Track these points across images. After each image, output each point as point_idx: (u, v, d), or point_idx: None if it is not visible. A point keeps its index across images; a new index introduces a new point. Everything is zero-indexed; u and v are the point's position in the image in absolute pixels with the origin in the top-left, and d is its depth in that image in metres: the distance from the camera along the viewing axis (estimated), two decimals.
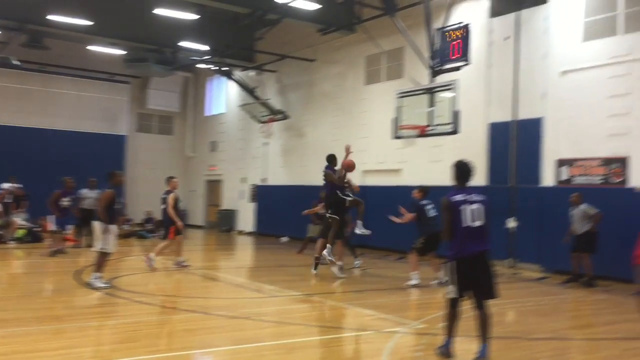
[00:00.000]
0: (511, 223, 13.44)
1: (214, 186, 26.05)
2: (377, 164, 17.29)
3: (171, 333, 7.25)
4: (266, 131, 21.89)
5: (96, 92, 25.01)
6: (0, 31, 18.95)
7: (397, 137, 14.30)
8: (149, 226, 21.08)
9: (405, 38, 14.72)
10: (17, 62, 20.86)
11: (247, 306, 8.95)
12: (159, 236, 19.42)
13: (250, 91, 21.51)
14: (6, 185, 17.22)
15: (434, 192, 10.61)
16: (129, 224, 20.97)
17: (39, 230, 17.36)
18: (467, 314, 6.08)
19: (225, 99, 25.47)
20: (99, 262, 9.66)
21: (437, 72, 13.47)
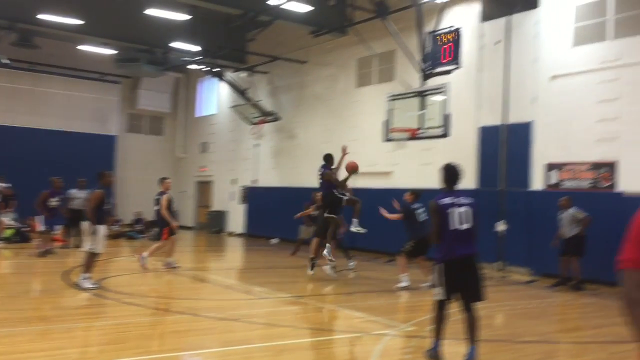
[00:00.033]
0: (500, 226, 13.49)
1: (204, 187, 25.98)
2: (368, 166, 17.25)
3: (160, 334, 7.23)
4: (257, 132, 21.86)
5: (86, 92, 24.86)
6: None
7: (388, 140, 14.36)
8: (139, 227, 20.99)
9: (397, 41, 14.76)
10: (7, 61, 20.70)
11: (237, 308, 8.94)
12: (149, 237, 19.38)
13: (242, 92, 21.47)
14: None
15: (424, 195, 10.64)
16: (118, 224, 20.88)
17: (27, 230, 17.24)
18: (455, 317, 6.10)
19: (216, 100, 25.42)
20: (87, 263, 9.61)
21: (428, 76, 13.53)
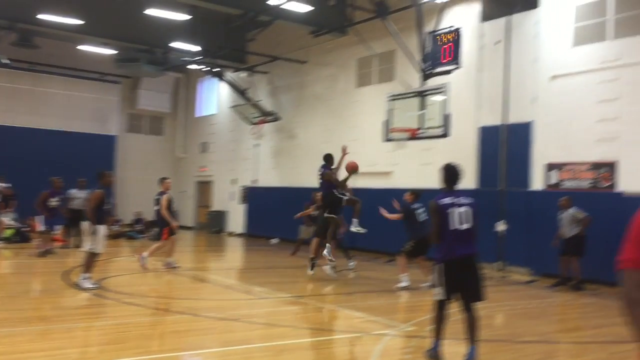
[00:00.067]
0: (500, 226, 13.49)
1: (204, 187, 25.97)
2: (368, 166, 17.26)
3: (160, 334, 7.23)
4: (257, 132, 21.86)
5: (86, 92, 24.85)
6: None
7: (388, 140, 14.36)
8: (139, 227, 20.99)
9: (397, 41, 14.76)
10: (7, 61, 20.70)
11: (237, 308, 8.94)
12: (149, 237, 19.37)
13: (242, 92, 21.47)
14: None
15: (424, 195, 10.64)
16: (118, 224, 20.88)
17: (27, 230, 17.24)
18: (455, 317, 6.10)
19: (216, 100, 25.42)
20: (87, 263, 9.61)
21: (428, 76, 13.53)
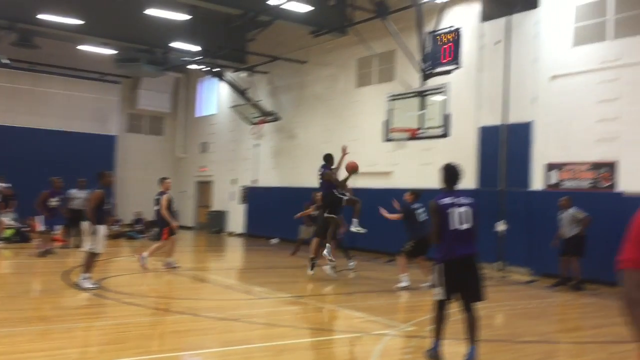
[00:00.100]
0: (501, 226, 13.49)
1: (204, 187, 25.97)
2: (368, 166, 17.25)
3: (160, 334, 7.23)
4: (257, 132, 21.86)
5: (86, 92, 24.85)
6: None
7: (388, 140, 14.36)
8: (139, 227, 20.98)
9: (397, 41, 14.76)
10: (7, 61, 20.70)
11: (237, 308, 8.94)
12: (149, 237, 19.37)
13: (242, 92, 21.47)
14: None
15: (424, 195, 10.64)
16: (118, 224, 20.87)
17: (27, 230, 17.24)
18: (455, 317, 6.10)
19: (216, 100, 25.42)
20: (87, 263, 9.61)
21: (428, 76, 13.53)
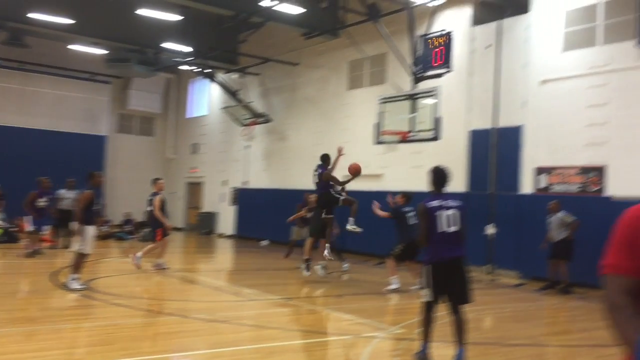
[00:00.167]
0: (490, 230, 13.54)
1: (194, 188, 25.90)
2: None
3: (148, 336, 7.19)
4: (248, 134, 21.84)
5: (77, 91, 24.72)
6: None
7: (379, 143, 14.39)
8: (128, 228, 20.90)
9: (388, 44, 14.80)
10: None
11: (226, 309, 8.92)
12: (138, 238, 19.30)
13: (233, 94, 21.45)
14: None
15: (414, 197, 10.66)
16: (107, 225, 20.77)
17: (15, 231, 17.11)
18: (444, 320, 6.12)
19: (207, 101, 25.37)
20: (76, 264, 9.55)
21: (419, 79, 13.58)
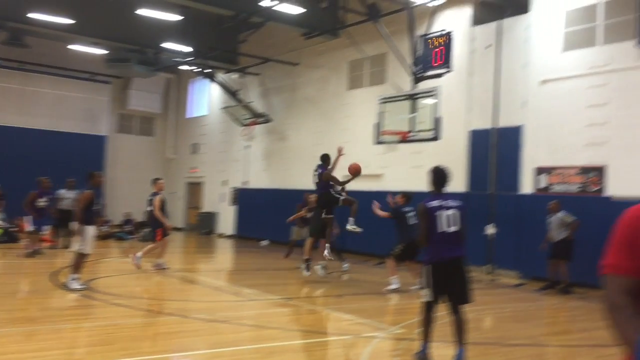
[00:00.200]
0: (490, 230, 13.54)
1: (194, 188, 25.90)
2: None
3: (148, 336, 7.19)
4: (248, 134, 21.84)
5: (77, 91, 24.72)
6: None
7: (379, 143, 14.39)
8: (128, 228, 20.90)
9: (388, 44, 14.80)
10: None
11: (226, 309, 8.91)
12: (138, 238, 19.30)
13: (233, 94, 21.45)
14: None
15: (414, 197, 10.66)
16: (107, 225, 20.77)
17: (15, 231, 17.12)
18: (444, 320, 6.11)
19: (207, 101, 25.37)
20: (76, 264, 9.55)
21: (419, 79, 13.58)
